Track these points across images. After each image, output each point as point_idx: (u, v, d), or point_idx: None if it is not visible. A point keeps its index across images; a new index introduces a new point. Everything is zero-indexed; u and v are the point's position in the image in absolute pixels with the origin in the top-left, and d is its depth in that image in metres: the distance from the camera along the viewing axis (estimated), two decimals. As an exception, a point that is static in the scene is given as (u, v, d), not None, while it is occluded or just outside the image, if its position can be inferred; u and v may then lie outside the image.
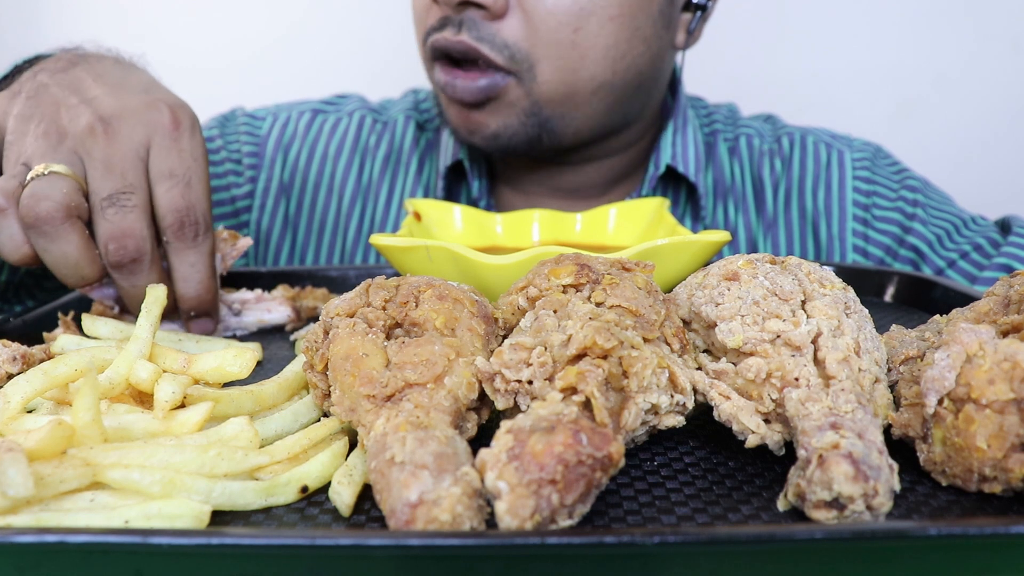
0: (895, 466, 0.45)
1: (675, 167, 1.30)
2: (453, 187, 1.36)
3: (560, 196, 1.35)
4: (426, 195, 1.38)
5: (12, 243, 0.73)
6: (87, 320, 0.70)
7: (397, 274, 0.87)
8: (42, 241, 0.71)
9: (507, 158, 1.30)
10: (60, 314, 0.80)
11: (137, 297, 0.74)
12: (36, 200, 0.70)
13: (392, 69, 1.81)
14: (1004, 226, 1.27)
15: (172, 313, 0.79)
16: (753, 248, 1.34)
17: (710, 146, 1.38)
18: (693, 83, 1.55)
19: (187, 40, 2.17)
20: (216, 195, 1.37)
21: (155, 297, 0.65)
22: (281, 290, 0.85)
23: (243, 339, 0.83)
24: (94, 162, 0.74)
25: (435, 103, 1.42)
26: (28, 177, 0.72)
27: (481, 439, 0.50)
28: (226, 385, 0.61)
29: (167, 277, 0.77)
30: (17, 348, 0.68)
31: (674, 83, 1.37)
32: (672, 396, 0.51)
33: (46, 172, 0.72)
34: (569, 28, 1.09)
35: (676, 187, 1.34)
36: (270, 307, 0.81)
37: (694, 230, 1.31)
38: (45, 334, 0.78)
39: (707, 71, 1.88)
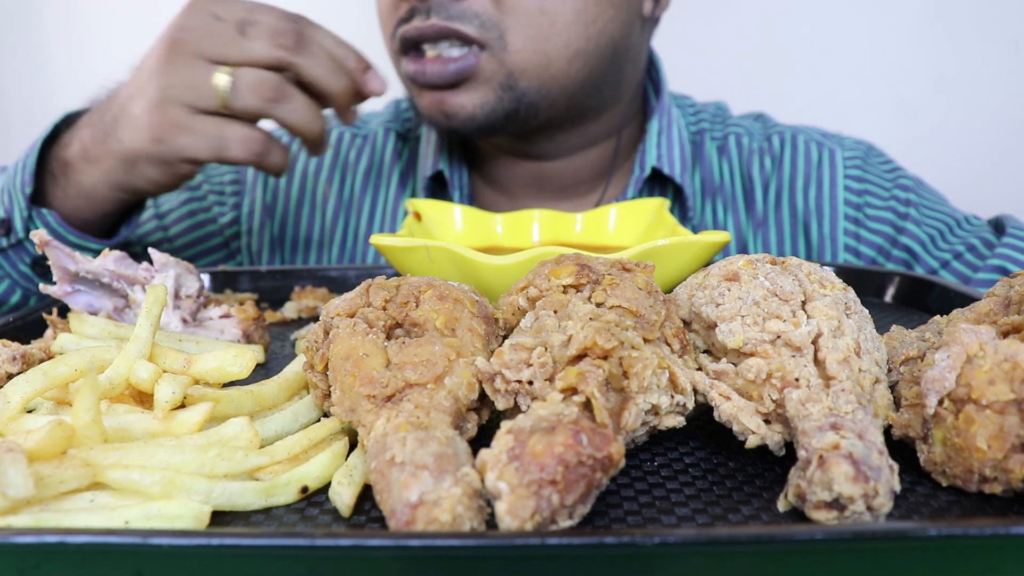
0: (895, 467, 0.45)
1: (660, 168, 1.29)
2: (435, 196, 1.36)
3: (545, 196, 1.34)
4: None
5: (248, 138, 0.97)
6: (74, 318, 0.70)
7: (397, 274, 0.87)
8: (281, 107, 0.96)
9: (482, 139, 1.30)
10: (44, 314, 0.79)
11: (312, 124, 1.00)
12: (260, 80, 0.94)
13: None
14: (997, 226, 1.26)
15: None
16: (743, 249, 1.34)
17: (697, 145, 1.37)
18: (691, 83, 1.55)
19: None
20: (204, 228, 1.41)
21: (155, 297, 0.65)
22: (236, 311, 0.82)
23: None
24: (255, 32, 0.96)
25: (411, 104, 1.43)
26: (224, 81, 0.93)
27: (481, 439, 0.50)
28: (226, 385, 0.61)
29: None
30: (17, 348, 0.68)
31: (657, 82, 1.37)
32: (672, 396, 0.51)
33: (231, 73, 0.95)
34: None
35: (663, 188, 1.33)
36: (224, 327, 0.80)
37: (682, 230, 1.31)
38: (34, 341, 0.76)
39: (707, 72, 1.88)
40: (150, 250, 0.81)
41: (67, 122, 1.09)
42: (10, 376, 0.66)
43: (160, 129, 0.95)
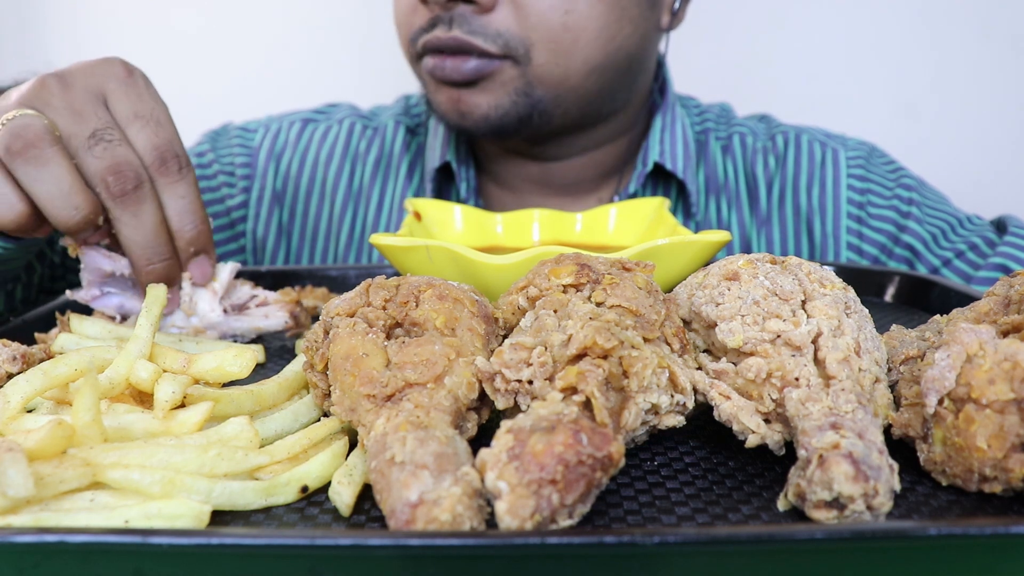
0: (895, 466, 0.45)
1: (663, 164, 1.30)
2: (443, 188, 1.37)
3: (549, 193, 1.35)
4: (417, 197, 1.38)
5: (5, 200, 0.70)
6: (75, 319, 0.70)
7: (397, 274, 0.87)
8: (32, 171, 0.69)
9: (494, 142, 1.30)
10: (57, 313, 0.79)
11: (143, 239, 0.74)
12: (20, 129, 0.69)
13: (387, 77, 1.80)
14: (1000, 226, 1.27)
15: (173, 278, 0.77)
16: (746, 246, 1.34)
17: (702, 144, 1.38)
18: (692, 83, 1.55)
19: (183, 50, 2.15)
20: (211, 208, 1.38)
21: (155, 296, 0.65)
22: (281, 294, 0.83)
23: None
24: (58, 111, 0.72)
25: (424, 101, 1.42)
26: None
27: (481, 439, 0.50)
28: (226, 385, 0.61)
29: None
30: (17, 348, 0.68)
31: (662, 79, 1.37)
32: (672, 396, 0.51)
33: (17, 115, 0.71)
34: (559, 11, 1.10)
35: (666, 184, 1.34)
36: (268, 312, 0.80)
37: (685, 227, 1.31)
38: (37, 335, 0.77)
39: (706, 72, 1.88)
40: None
41: None
42: (10, 376, 0.66)
43: None
